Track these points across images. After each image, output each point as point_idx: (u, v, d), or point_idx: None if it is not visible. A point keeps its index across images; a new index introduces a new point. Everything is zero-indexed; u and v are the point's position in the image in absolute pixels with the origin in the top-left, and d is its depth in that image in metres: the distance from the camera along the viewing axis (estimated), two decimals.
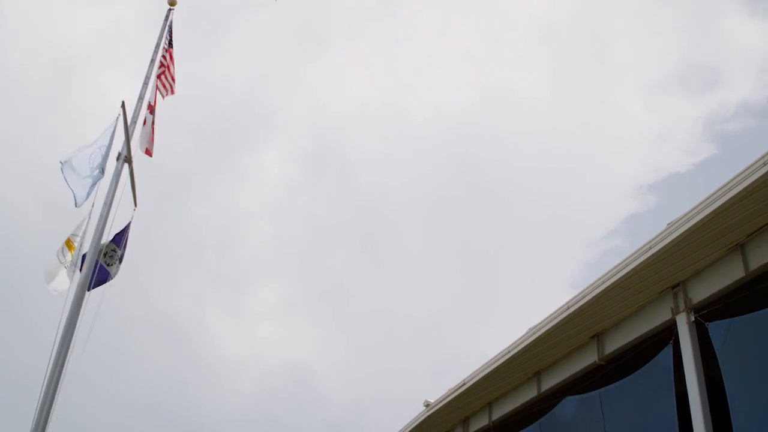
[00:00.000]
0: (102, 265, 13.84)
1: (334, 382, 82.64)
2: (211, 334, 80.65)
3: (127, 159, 15.01)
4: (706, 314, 11.91)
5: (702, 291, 12.05)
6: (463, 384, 17.50)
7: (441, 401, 18.65)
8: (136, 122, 15.69)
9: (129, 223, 14.82)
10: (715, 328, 11.61)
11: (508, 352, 15.60)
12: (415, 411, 20.18)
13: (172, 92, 16.43)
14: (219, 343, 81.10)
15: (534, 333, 14.74)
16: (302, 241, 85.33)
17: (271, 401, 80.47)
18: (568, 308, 13.71)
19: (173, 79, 16.25)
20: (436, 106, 79.13)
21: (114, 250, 14.25)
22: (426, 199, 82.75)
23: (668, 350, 12.35)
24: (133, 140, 15.42)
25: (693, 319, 12.07)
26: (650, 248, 11.79)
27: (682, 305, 12.30)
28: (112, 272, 14.07)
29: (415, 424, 20.19)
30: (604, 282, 12.81)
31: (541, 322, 14.53)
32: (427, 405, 19.46)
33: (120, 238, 14.40)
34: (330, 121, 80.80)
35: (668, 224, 11.56)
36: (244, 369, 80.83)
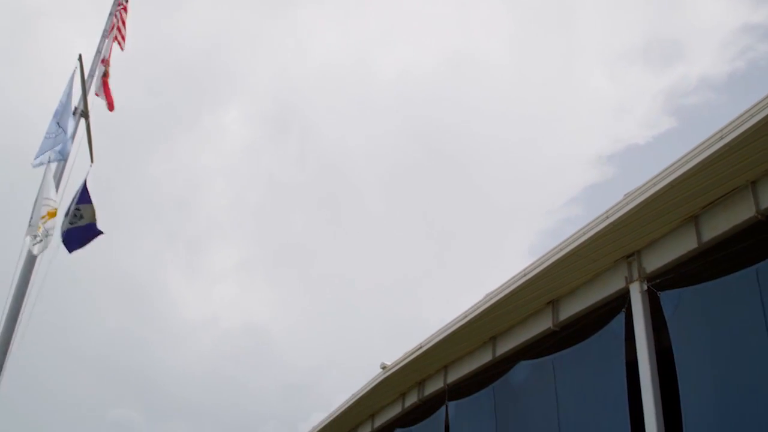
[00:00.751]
0: (74, 225, 13.57)
1: (292, 344, 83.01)
2: (170, 293, 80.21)
3: (84, 114, 14.62)
4: (658, 284, 12.15)
5: (655, 261, 12.28)
6: (420, 348, 17.68)
7: (397, 364, 18.83)
8: (93, 76, 15.28)
9: (85, 180, 14.49)
10: (666, 298, 11.86)
11: (465, 317, 15.77)
12: (372, 373, 20.39)
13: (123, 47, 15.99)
14: (178, 303, 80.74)
15: (491, 298, 14.90)
16: (262, 202, 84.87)
17: (229, 362, 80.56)
18: (525, 275, 13.87)
19: (123, 35, 15.82)
20: (401, 68, 78.67)
21: (78, 209, 13.94)
22: (388, 162, 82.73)
23: (620, 318, 12.60)
24: (90, 95, 15.02)
25: (646, 288, 12.30)
26: (607, 218, 11.94)
27: (635, 274, 12.52)
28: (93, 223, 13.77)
29: (371, 386, 20.39)
30: (561, 250, 12.96)
31: (497, 288, 14.69)
32: (384, 367, 19.63)
33: (81, 197, 14.09)
34: (293, 81, 79.88)
35: (625, 195, 11.70)
36: (203, 329, 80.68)
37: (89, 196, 13.96)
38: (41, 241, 12.45)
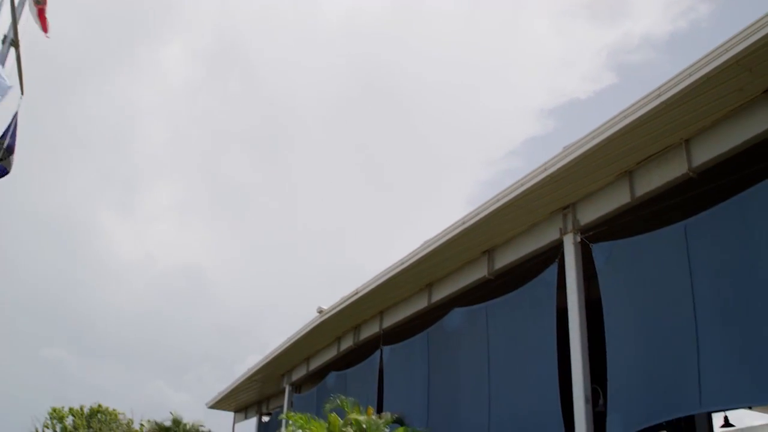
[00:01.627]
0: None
1: (229, 286, 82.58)
2: (105, 233, 78.37)
3: (14, 42, 13.95)
4: (591, 236, 12.48)
5: (589, 213, 12.58)
6: (357, 293, 17.83)
7: (334, 308, 18.98)
8: (24, 3, 14.56)
9: (16, 113, 13.91)
10: (598, 250, 12.21)
11: (402, 263, 15.94)
12: (308, 317, 20.52)
13: None
14: (113, 242, 79.00)
15: (428, 246, 15.07)
16: (201, 142, 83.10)
17: (164, 302, 79.82)
18: (463, 223, 14.04)
19: None
20: (347, 8, 77.27)
21: (1, 143, 13.36)
22: (330, 104, 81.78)
23: (553, 268, 12.93)
24: (21, 22, 14.32)
25: (579, 239, 12.63)
26: (545, 170, 12.12)
27: (570, 226, 12.82)
28: (6, 166, 13.23)
29: (307, 330, 20.55)
30: (499, 200, 13.14)
31: (435, 236, 14.85)
32: (321, 312, 19.77)
33: (6, 130, 13.51)
34: (236, 18, 77.67)
35: (564, 148, 11.89)
36: (138, 268, 79.40)
37: (15, 132, 13.40)
38: None
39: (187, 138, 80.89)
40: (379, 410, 16.18)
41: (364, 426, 14.20)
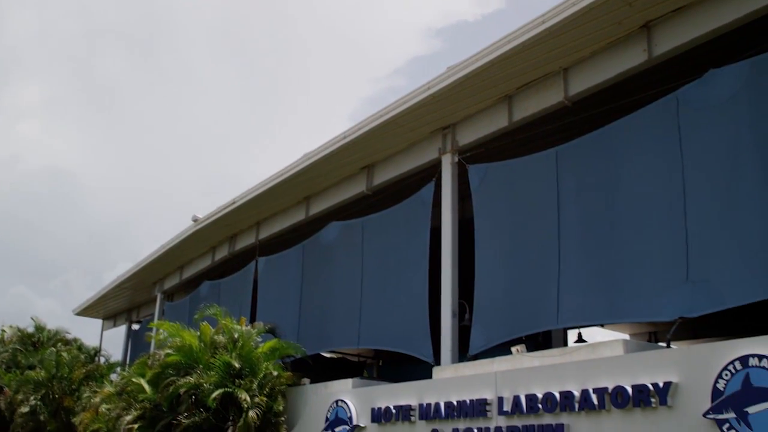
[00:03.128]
0: None
1: (101, 192, 79.50)
2: None
3: None
4: (469, 157, 12.74)
5: (468, 135, 12.80)
6: (234, 202, 17.57)
7: (210, 217, 18.66)
8: None
9: None
10: (474, 171, 12.51)
11: (281, 175, 15.77)
12: (183, 226, 20.12)
13: None
14: None
15: (308, 159, 14.95)
16: (75, 39, 77.95)
17: (28, 205, 76.04)
18: (344, 138, 13.98)
19: None
20: None
21: None
22: (214, 4, 78.38)
23: (430, 187, 13.17)
24: None
25: (456, 160, 12.87)
26: (428, 89, 12.16)
27: (448, 146, 13.02)
28: None
29: (181, 239, 20.15)
30: (381, 116, 13.13)
31: (315, 149, 14.74)
32: (195, 220, 19.40)
33: None
34: None
35: (448, 68, 11.93)
36: (1, 169, 74.91)
37: None
38: None
39: (58, 33, 75.56)
40: (253, 320, 16.26)
41: (236, 335, 14.25)
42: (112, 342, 32.06)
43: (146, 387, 13.69)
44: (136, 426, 13.34)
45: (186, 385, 12.86)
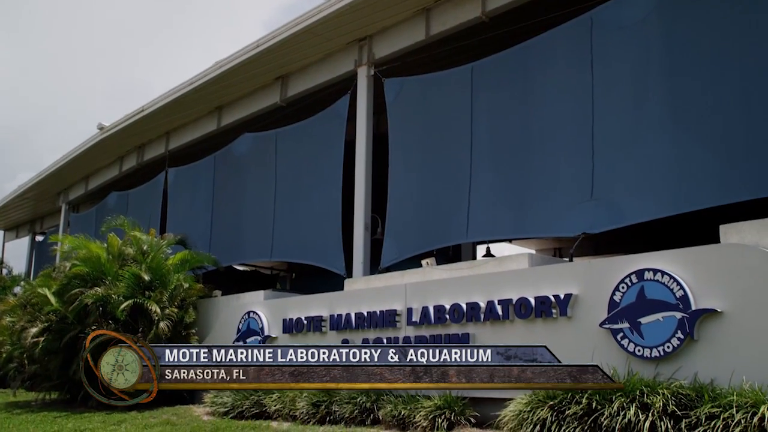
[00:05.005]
0: None
1: None
2: None
3: None
4: (385, 70, 12.61)
5: (385, 48, 12.63)
6: (142, 111, 16.94)
7: (116, 126, 17.97)
8: None
9: None
10: (389, 85, 12.41)
11: (192, 83, 15.26)
12: (88, 134, 19.32)
13: None
14: None
15: (220, 67, 14.48)
16: None
17: None
18: (258, 46, 13.57)
19: None
20: None
21: None
22: None
23: (345, 99, 13.01)
24: None
25: (372, 73, 12.72)
26: None
27: (365, 59, 12.83)
28: None
29: (86, 147, 19.39)
30: (297, 24, 12.76)
31: (228, 57, 14.27)
32: (102, 128, 18.65)
33: None
34: None
35: None
36: None
37: None
38: None
39: None
40: (162, 232, 15.98)
41: (145, 247, 13.98)
42: (15, 254, 31.10)
43: (52, 299, 13.35)
44: (42, 339, 13.07)
45: (93, 297, 12.61)
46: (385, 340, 9.92)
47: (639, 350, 7.29)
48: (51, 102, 77.25)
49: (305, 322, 11.20)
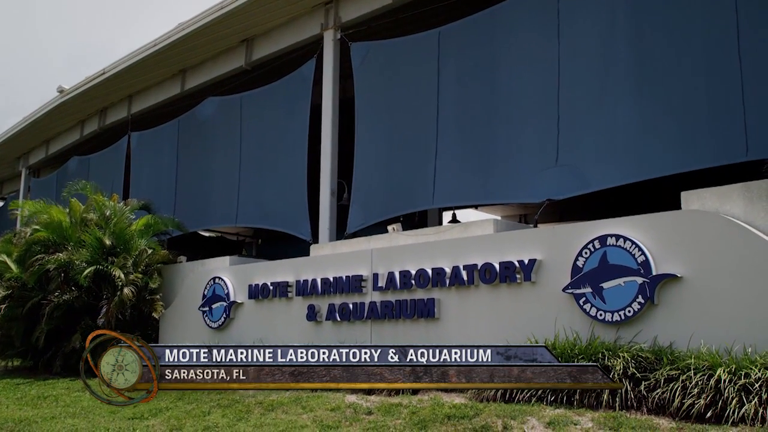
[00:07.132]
0: None
1: None
2: None
3: None
4: (351, 35, 12.47)
5: (351, 12, 12.47)
6: (103, 73, 16.58)
7: (77, 89, 17.58)
8: None
9: None
10: (356, 49, 12.28)
11: (154, 45, 14.95)
12: (48, 97, 18.87)
13: None
14: None
15: (183, 29, 14.20)
16: None
17: None
18: (222, 8, 13.33)
19: None
20: None
21: None
22: None
23: (311, 63, 12.85)
24: None
25: (339, 37, 12.57)
26: None
27: (331, 22, 12.67)
28: None
29: (45, 110, 18.97)
30: None
31: (192, 19, 14.00)
32: (61, 91, 18.23)
33: None
34: None
35: None
36: None
37: None
38: None
39: None
40: (126, 198, 15.75)
41: (108, 212, 13.77)
42: None
43: (12, 265, 13.14)
44: (3, 306, 12.88)
45: (55, 262, 12.42)
46: (351, 305, 9.95)
47: (601, 314, 7.41)
48: (7, 63, 75.16)
49: (271, 287, 11.17)
